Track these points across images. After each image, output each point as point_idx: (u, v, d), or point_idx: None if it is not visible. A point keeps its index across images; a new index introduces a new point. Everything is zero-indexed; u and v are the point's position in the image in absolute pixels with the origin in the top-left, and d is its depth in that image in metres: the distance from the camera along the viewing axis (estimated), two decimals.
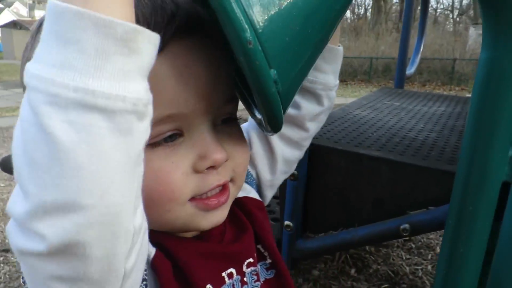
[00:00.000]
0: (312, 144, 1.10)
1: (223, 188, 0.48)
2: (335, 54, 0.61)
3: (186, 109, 0.42)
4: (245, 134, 0.59)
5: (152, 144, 0.41)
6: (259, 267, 0.57)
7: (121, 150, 0.29)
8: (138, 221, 0.32)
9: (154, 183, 0.42)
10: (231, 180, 0.50)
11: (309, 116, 0.63)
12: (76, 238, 0.28)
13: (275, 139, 0.63)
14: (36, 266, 0.30)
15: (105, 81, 0.27)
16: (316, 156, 1.08)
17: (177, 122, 0.43)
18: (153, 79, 0.33)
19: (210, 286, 0.49)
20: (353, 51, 15.35)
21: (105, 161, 0.28)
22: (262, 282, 0.56)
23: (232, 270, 0.52)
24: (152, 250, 0.45)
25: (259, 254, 0.58)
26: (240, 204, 0.57)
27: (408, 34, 2.04)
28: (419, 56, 2.31)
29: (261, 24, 0.35)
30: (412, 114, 1.51)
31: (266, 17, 0.36)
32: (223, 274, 0.51)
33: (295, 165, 0.68)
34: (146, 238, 0.37)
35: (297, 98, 0.62)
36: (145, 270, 0.43)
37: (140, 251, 0.35)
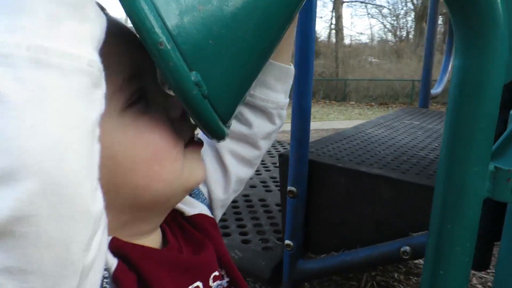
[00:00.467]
0: (312, 161, 1.08)
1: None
2: (286, 73, 0.61)
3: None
4: None
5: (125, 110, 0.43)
6: (223, 282, 0.55)
7: (77, 113, 0.27)
8: (98, 207, 0.29)
9: (145, 145, 0.43)
10: None
11: (261, 134, 0.63)
12: (28, 211, 0.24)
13: (228, 157, 0.63)
14: None
15: (59, 42, 0.27)
16: (316, 173, 1.05)
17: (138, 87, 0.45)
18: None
19: None
20: (395, 74, 15.09)
21: (60, 121, 0.26)
22: None
23: (199, 284, 0.51)
24: (114, 262, 0.44)
25: (220, 273, 0.55)
26: (194, 221, 0.57)
27: (432, 54, 1.98)
28: (447, 75, 2.23)
29: (176, 26, 0.35)
30: (430, 133, 1.45)
31: (184, 19, 0.36)
32: (190, 287, 0.50)
33: (244, 184, 0.67)
34: (106, 237, 0.34)
35: (250, 116, 0.62)
36: (107, 284, 0.42)
37: (100, 248, 0.32)
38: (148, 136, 0.43)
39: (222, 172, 0.63)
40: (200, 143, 0.51)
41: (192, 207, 0.59)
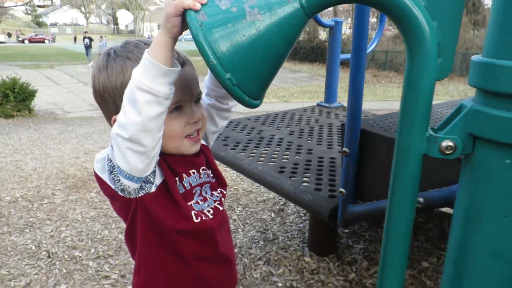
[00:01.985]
0: (363, 130, 1.37)
1: (198, 132, 1.01)
2: None
3: (184, 97, 0.95)
4: None
5: (170, 112, 0.92)
6: (208, 172, 1.07)
7: (157, 107, 0.79)
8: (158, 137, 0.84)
9: (172, 130, 0.94)
10: (201, 128, 1.02)
11: (233, 106, 1.14)
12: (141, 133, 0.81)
13: (216, 117, 1.14)
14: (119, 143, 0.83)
15: (155, 85, 0.78)
16: (366, 139, 1.35)
17: (180, 102, 0.95)
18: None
19: (185, 175, 1.00)
20: None
21: (150, 109, 0.79)
22: (209, 180, 1.07)
23: (194, 170, 1.03)
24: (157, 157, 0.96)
25: (208, 171, 1.08)
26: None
27: None
28: None
29: (219, 52, 0.77)
30: None
31: (224, 48, 0.77)
32: (190, 171, 1.01)
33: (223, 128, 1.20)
34: (160, 144, 0.87)
35: (227, 100, 1.13)
36: (154, 167, 0.92)
37: (157, 146, 0.86)
38: (170, 127, 0.92)
39: (214, 125, 1.15)
40: (195, 138, 1.00)
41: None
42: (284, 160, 1.99)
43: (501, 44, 0.72)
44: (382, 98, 10.06)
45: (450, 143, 0.81)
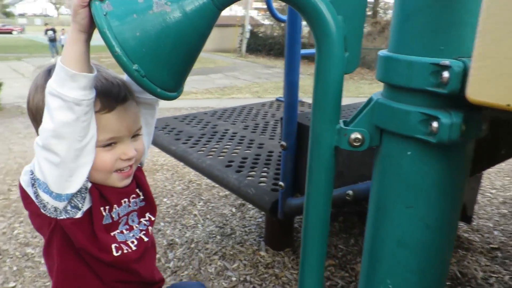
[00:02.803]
0: (300, 123, 1.39)
1: (130, 167, 0.98)
2: None
3: (120, 134, 0.92)
4: None
5: (103, 146, 0.90)
6: (137, 200, 1.05)
7: (68, 113, 0.77)
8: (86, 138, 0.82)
9: (101, 162, 0.91)
10: (134, 162, 0.99)
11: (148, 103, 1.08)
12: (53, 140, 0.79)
13: (143, 110, 1.07)
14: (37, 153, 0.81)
15: (64, 90, 0.75)
16: (303, 133, 1.37)
17: (115, 139, 0.92)
18: (108, 121, 0.88)
19: (115, 206, 0.97)
20: None
21: (61, 115, 0.77)
22: (138, 207, 1.05)
23: (126, 199, 1.00)
24: (89, 184, 0.93)
25: (138, 194, 1.06)
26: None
27: None
28: None
29: (124, 42, 0.75)
30: None
31: (129, 39, 0.76)
32: (121, 200, 0.99)
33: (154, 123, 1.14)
34: (82, 159, 0.85)
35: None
36: (84, 191, 0.90)
37: (76, 159, 0.83)
38: (100, 159, 0.91)
39: (145, 123, 1.10)
40: (125, 172, 0.97)
41: None
42: (234, 154, 1.99)
43: (398, 39, 0.74)
44: (354, 95, 10.27)
45: (358, 135, 0.82)
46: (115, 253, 0.95)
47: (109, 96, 0.88)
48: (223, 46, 21.95)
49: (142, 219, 1.04)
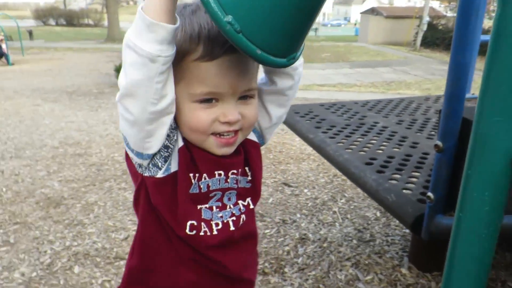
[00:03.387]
0: (466, 119, 1.03)
1: (234, 134, 0.81)
2: None
3: (221, 90, 0.76)
4: None
5: (199, 100, 0.77)
6: (240, 177, 0.88)
7: (142, 69, 0.66)
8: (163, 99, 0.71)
9: (195, 121, 0.78)
10: (241, 130, 0.82)
11: (285, 88, 0.87)
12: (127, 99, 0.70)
13: (269, 105, 0.90)
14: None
15: (140, 42, 0.65)
16: (468, 132, 1.01)
17: (215, 95, 0.77)
18: (207, 72, 0.73)
19: (205, 175, 0.83)
20: None
21: (134, 70, 0.67)
22: (239, 186, 0.88)
23: (221, 171, 0.84)
24: (182, 143, 0.82)
25: (244, 172, 0.89)
26: (244, 141, 0.88)
27: None
28: None
29: None
30: None
31: None
32: (215, 171, 0.84)
33: (283, 118, 0.96)
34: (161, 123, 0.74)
35: (275, 79, 0.86)
36: (164, 151, 0.79)
37: (152, 121, 0.73)
38: (193, 116, 0.78)
39: (266, 117, 0.92)
40: (225, 139, 0.80)
41: None
42: (379, 151, 1.69)
43: None
44: None
45: None
46: (187, 231, 0.83)
47: (214, 42, 0.73)
48: (395, 38, 20.58)
49: (240, 201, 0.88)
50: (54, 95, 7.48)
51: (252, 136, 0.92)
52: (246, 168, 0.89)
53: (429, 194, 1.12)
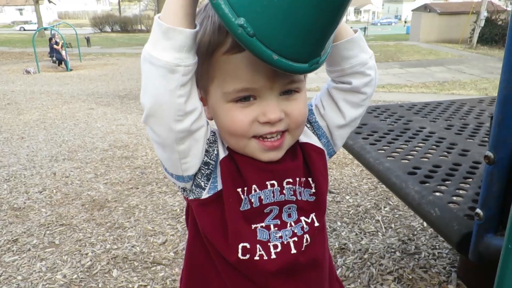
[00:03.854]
0: None
1: (281, 136, 0.72)
2: (353, 41, 0.73)
3: (256, 85, 0.68)
4: (317, 100, 0.83)
5: (235, 99, 0.69)
6: (302, 189, 0.77)
7: (161, 83, 0.60)
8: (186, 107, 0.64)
9: (231, 123, 0.70)
10: (288, 131, 0.72)
11: (361, 85, 0.77)
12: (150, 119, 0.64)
13: (342, 104, 0.79)
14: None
15: (156, 51, 0.60)
16: None
17: (251, 92, 0.68)
18: (238, 65, 0.65)
19: (255, 186, 0.74)
20: None
21: (153, 86, 0.61)
22: (300, 199, 0.76)
23: (274, 181, 0.74)
24: (224, 154, 0.74)
25: (307, 184, 0.78)
26: (303, 146, 0.79)
27: None
28: None
29: None
30: None
31: None
32: (267, 182, 0.74)
33: (358, 121, 0.83)
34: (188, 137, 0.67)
35: (348, 79, 0.77)
36: (204, 168, 0.72)
37: (180, 139, 0.66)
38: (230, 118, 0.71)
39: (339, 114, 0.81)
40: (269, 142, 0.71)
41: (306, 137, 0.81)
42: (424, 159, 1.56)
43: None
44: None
45: None
46: (240, 255, 0.73)
47: None
48: (449, 36, 19.56)
49: (303, 218, 0.76)
50: (107, 99, 7.81)
51: (315, 141, 0.82)
52: (309, 179, 0.78)
53: (478, 210, 0.99)
